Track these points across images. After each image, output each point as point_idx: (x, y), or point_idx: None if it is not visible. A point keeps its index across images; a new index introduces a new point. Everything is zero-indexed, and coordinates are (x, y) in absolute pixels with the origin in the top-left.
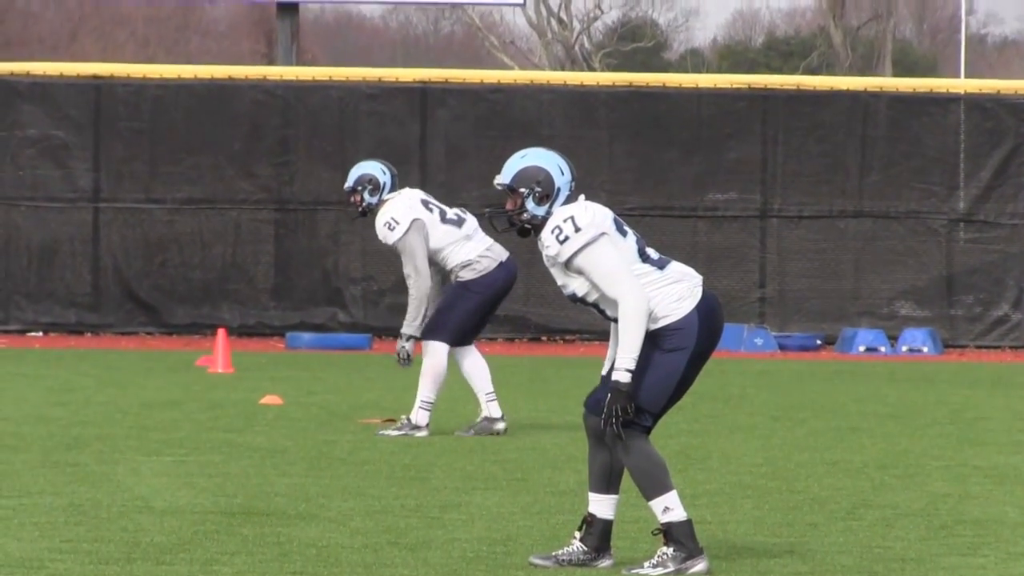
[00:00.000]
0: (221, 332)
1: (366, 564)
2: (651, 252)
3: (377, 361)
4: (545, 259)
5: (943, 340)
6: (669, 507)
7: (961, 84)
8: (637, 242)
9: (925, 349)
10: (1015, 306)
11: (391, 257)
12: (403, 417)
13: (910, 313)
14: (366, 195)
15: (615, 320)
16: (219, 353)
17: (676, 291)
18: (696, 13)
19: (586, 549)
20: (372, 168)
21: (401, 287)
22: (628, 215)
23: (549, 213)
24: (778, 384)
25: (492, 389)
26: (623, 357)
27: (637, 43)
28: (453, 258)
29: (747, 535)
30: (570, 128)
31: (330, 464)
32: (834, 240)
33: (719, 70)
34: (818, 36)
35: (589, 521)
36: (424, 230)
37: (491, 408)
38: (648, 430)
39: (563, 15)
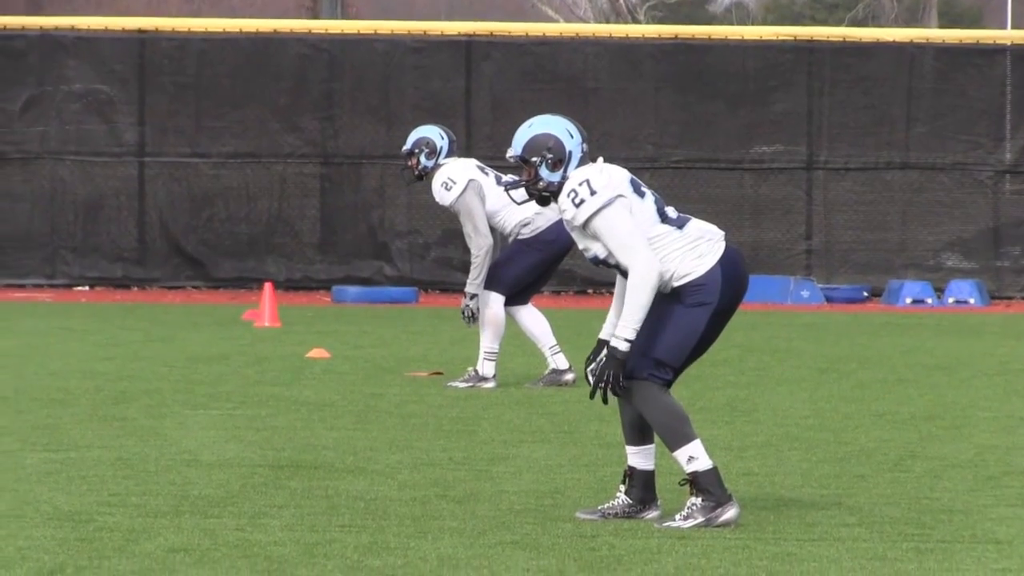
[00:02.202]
0: (267, 286)
1: (414, 517)
2: (670, 211)
3: (423, 314)
4: (565, 224)
5: (990, 291)
6: (694, 456)
7: (1007, 35)
8: (656, 202)
9: (972, 301)
10: None
11: (437, 211)
12: (470, 369)
13: (956, 265)
14: (423, 158)
15: None
16: (265, 307)
17: (698, 249)
18: None
19: (631, 501)
20: (431, 132)
21: (447, 240)
22: (674, 168)
23: (565, 178)
24: (825, 336)
25: (555, 342)
26: (624, 326)
27: None
28: (511, 219)
29: (795, 487)
30: (615, 81)
31: (377, 417)
32: (880, 192)
33: (764, 23)
34: None
35: (629, 474)
36: (481, 191)
37: (557, 360)
38: (669, 383)
39: None
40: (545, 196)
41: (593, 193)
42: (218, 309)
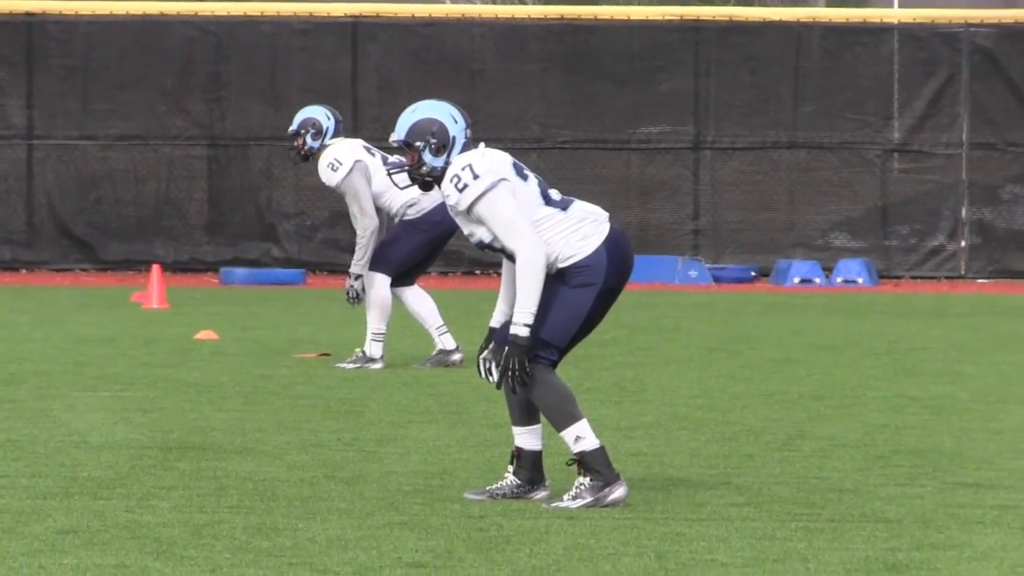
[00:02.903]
0: (156, 268)
1: (303, 498)
2: (553, 194)
3: (311, 296)
4: (449, 209)
5: (878, 271)
6: (580, 436)
7: (895, 14)
8: (539, 184)
9: (860, 280)
10: (950, 237)
11: (324, 192)
12: (357, 350)
13: (845, 244)
14: (308, 139)
15: None
16: (154, 289)
17: (582, 230)
18: None
19: (519, 482)
20: (317, 112)
21: (334, 221)
22: (561, 148)
23: (448, 163)
24: (713, 316)
25: (442, 322)
26: (521, 311)
27: None
28: (396, 200)
29: (683, 467)
30: (502, 62)
31: (266, 398)
32: (768, 172)
33: (650, 3)
34: None
35: (517, 454)
36: (367, 172)
37: (444, 341)
38: (554, 364)
39: None
40: (428, 181)
41: (476, 177)
42: (107, 291)
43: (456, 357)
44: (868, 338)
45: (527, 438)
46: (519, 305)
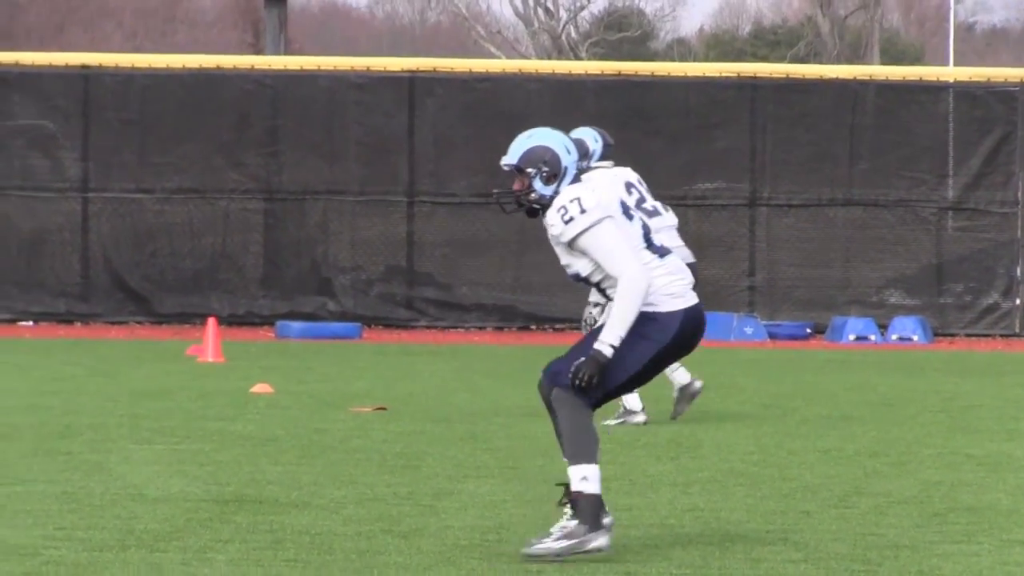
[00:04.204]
0: (211, 321)
1: (360, 551)
2: (654, 240)
3: (366, 350)
4: (550, 238)
5: (933, 328)
6: (587, 477)
7: (950, 72)
8: (643, 227)
9: (915, 338)
10: (1005, 295)
11: (380, 247)
12: (622, 406)
13: (900, 301)
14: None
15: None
16: (209, 342)
17: (673, 286)
18: (683, 2)
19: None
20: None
21: (389, 276)
22: None
23: (556, 192)
24: (768, 373)
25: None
26: (610, 331)
27: (624, 32)
28: None
29: (740, 523)
30: (557, 117)
31: (322, 452)
32: (823, 228)
33: (706, 59)
34: (805, 25)
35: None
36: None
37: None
38: (594, 406)
39: (549, 5)
40: (534, 209)
41: (583, 212)
42: (161, 344)
43: (640, 418)
44: (923, 395)
45: None
46: (611, 324)
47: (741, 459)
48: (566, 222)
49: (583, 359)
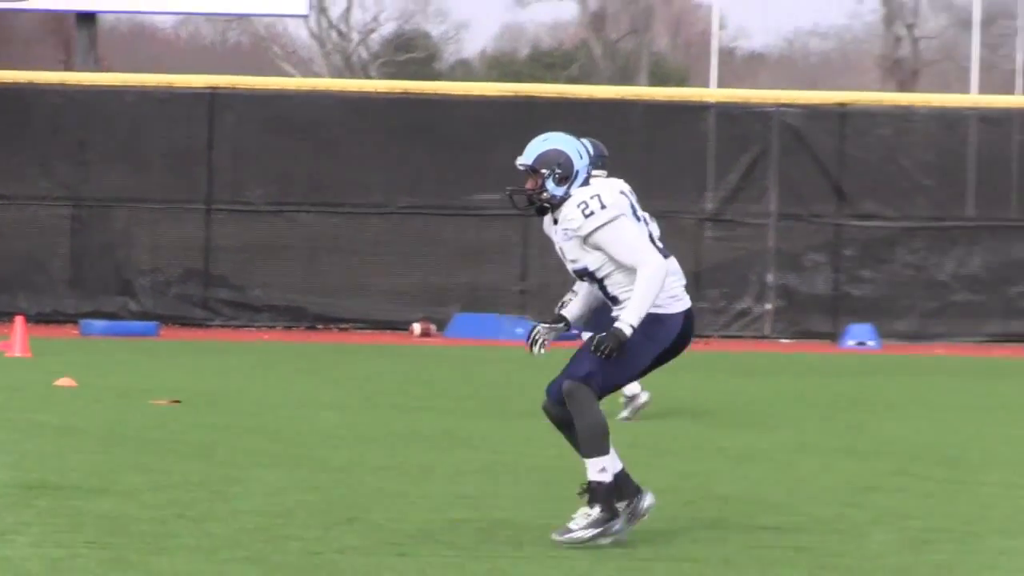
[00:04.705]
0: (19, 319)
1: (155, 534)
2: (657, 242)
3: (164, 347)
4: (562, 233)
5: None
6: (605, 468)
7: (712, 94)
8: (647, 230)
9: None
10: (757, 300)
11: (179, 251)
12: (623, 397)
13: None
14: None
15: (611, 298)
16: (17, 338)
17: (676, 288)
18: (466, 26)
19: (626, 501)
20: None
21: (186, 278)
22: (402, 213)
23: (567, 194)
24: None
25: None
26: (632, 312)
27: (411, 54)
28: None
29: (510, 509)
30: (349, 132)
31: (121, 441)
32: None
33: (487, 79)
34: (580, 49)
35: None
36: None
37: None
38: (599, 396)
39: (342, 27)
40: (544, 207)
41: (603, 207)
42: None
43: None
44: (677, 392)
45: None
46: (632, 306)
47: (512, 451)
48: (586, 216)
49: (604, 334)
